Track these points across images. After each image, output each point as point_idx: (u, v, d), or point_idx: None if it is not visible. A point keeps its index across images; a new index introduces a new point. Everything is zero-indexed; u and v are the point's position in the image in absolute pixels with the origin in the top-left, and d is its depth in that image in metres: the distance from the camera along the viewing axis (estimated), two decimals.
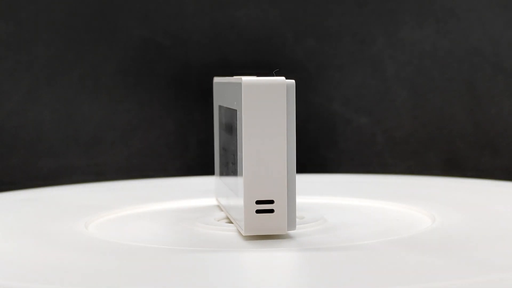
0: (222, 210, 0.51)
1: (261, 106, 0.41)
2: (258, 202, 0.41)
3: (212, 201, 0.55)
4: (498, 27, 0.77)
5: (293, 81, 0.41)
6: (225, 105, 0.48)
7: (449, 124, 0.78)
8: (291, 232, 0.45)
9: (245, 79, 0.41)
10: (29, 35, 0.79)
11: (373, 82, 0.79)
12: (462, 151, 0.78)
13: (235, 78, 0.44)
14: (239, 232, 0.44)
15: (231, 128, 0.45)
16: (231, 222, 0.47)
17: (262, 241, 0.42)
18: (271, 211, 0.41)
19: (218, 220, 0.48)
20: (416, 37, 0.78)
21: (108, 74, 0.80)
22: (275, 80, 0.41)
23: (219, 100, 0.51)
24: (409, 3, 0.78)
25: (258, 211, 0.41)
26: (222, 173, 0.50)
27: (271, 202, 0.41)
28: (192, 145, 0.81)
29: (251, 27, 0.80)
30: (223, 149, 0.49)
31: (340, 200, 0.55)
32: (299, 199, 0.55)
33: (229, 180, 0.46)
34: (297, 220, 0.48)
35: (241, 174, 0.41)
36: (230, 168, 0.46)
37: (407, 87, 0.79)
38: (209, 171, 0.61)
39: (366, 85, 0.79)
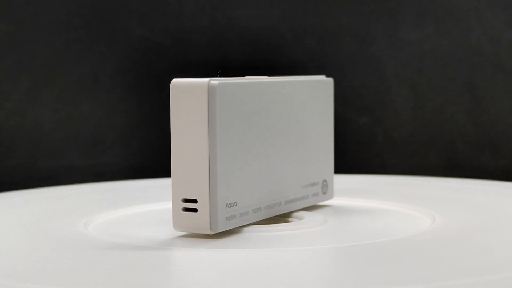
0: None
1: (186, 106, 0.42)
2: (184, 201, 0.42)
3: None
4: (498, 27, 0.77)
5: (218, 82, 0.41)
6: None
7: (449, 124, 0.78)
8: (289, 232, 0.45)
9: (175, 80, 0.42)
10: (29, 35, 0.79)
11: (373, 82, 0.79)
12: (462, 151, 0.78)
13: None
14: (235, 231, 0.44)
15: None
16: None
17: (254, 239, 0.42)
18: (195, 210, 0.42)
19: None
20: (416, 37, 0.78)
21: (107, 74, 0.80)
22: (198, 82, 0.41)
23: None
24: (409, 3, 0.78)
25: (184, 209, 0.42)
26: None
27: (195, 201, 0.42)
28: None
29: (251, 27, 0.80)
30: None
31: (340, 201, 0.55)
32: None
33: None
34: (297, 220, 0.48)
35: None
36: None
37: (407, 87, 0.79)
38: None
39: (366, 85, 0.79)
